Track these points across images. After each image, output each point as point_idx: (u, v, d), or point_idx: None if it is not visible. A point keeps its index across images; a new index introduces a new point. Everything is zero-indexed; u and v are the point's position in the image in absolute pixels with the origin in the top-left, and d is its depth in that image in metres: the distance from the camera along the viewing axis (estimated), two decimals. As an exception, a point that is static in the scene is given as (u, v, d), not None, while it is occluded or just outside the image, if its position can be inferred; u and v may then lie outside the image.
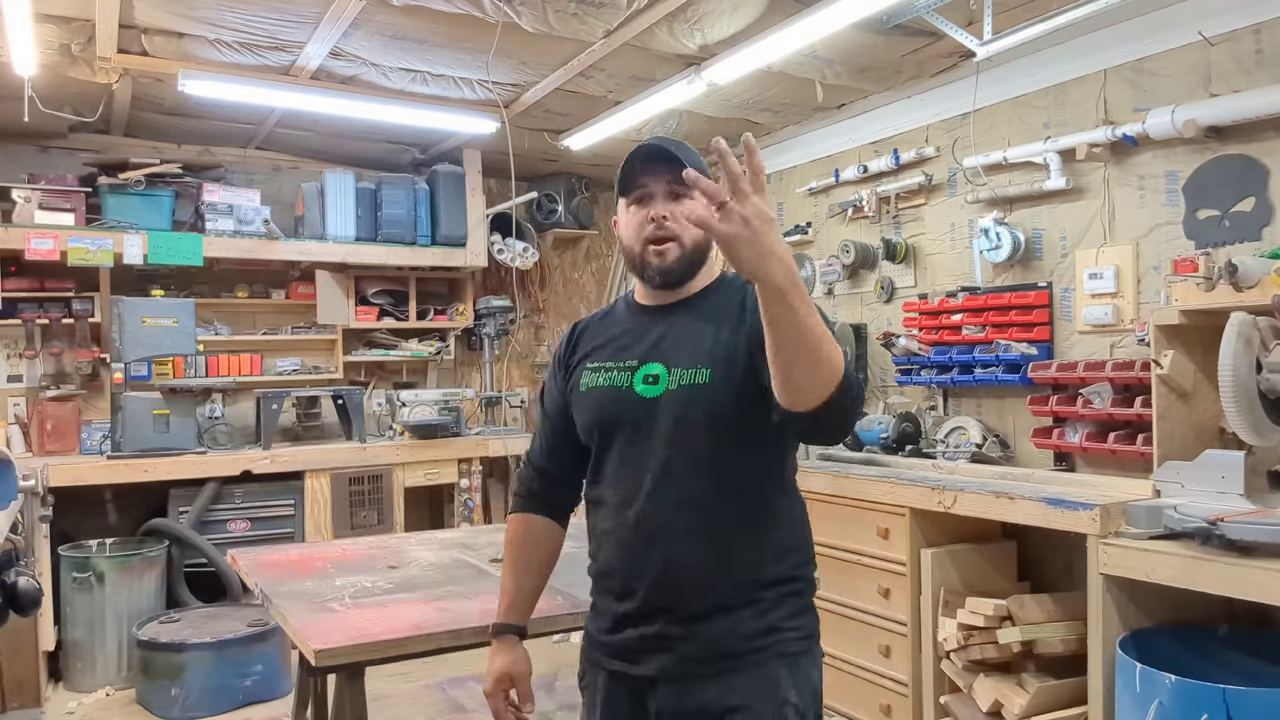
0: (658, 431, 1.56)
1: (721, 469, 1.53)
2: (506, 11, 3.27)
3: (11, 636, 3.74)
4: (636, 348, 1.63)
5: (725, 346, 1.54)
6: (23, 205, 4.48)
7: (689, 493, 1.54)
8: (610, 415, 1.62)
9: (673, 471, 1.54)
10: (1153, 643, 2.64)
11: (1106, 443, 3.33)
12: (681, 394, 1.54)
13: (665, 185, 1.59)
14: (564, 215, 6.09)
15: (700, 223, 1.23)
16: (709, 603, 1.53)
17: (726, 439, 1.53)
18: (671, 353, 1.58)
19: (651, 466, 1.55)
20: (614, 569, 1.62)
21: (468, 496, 5.31)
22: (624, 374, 1.61)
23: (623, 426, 1.60)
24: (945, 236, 4.20)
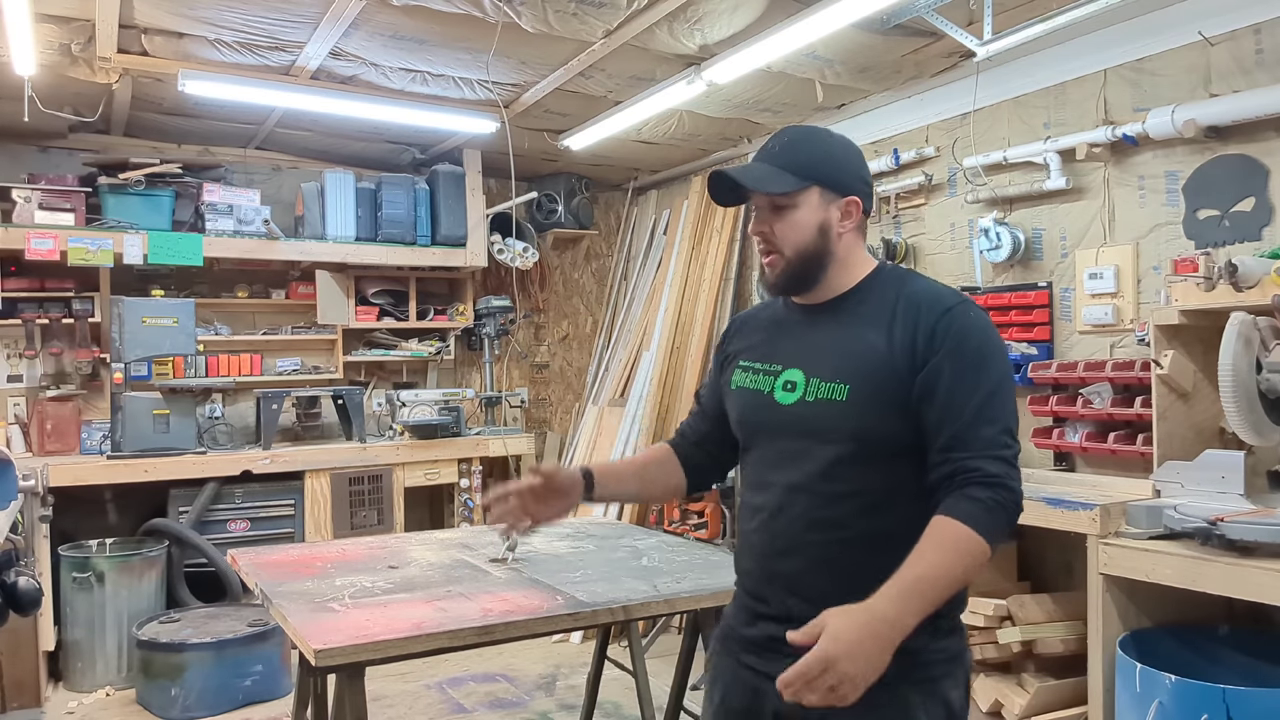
0: (792, 445, 1.53)
1: (854, 489, 1.48)
2: (506, 11, 3.27)
3: (11, 636, 3.74)
4: (782, 351, 1.60)
5: (868, 361, 1.48)
6: (23, 205, 4.48)
7: (819, 512, 1.50)
8: (752, 420, 1.61)
9: (803, 490, 1.51)
10: (1153, 643, 2.64)
11: (1106, 443, 3.33)
12: (817, 407, 1.50)
13: (765, 199, 1.56)
14: (564, 215, 6.09)
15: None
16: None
17: (861, 459, 1.47)
18: (813, 360, 1.54)
19: (783, 481, 1.53)
20: (750, 570, 1.61)
21: (468, 496, 5.31)
22: (767, 378, 1.59)
23: (761, 433, 1.59)
24: (945, 236, 4.20)
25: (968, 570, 1.36)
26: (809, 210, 1.55)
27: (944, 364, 1.43)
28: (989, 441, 1.41)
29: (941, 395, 1.43)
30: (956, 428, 1.42)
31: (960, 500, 1.38)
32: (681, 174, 5.96)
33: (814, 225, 1.55)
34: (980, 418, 1.41)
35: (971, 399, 1.42)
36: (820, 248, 1.55)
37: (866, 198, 1.59)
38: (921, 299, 1.50)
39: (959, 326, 1.45)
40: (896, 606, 1.31)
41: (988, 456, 1.40)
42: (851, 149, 1.65)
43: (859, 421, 1.47)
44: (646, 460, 1.87)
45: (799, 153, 1.57)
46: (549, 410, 6.46)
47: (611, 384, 5.84)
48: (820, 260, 1.56)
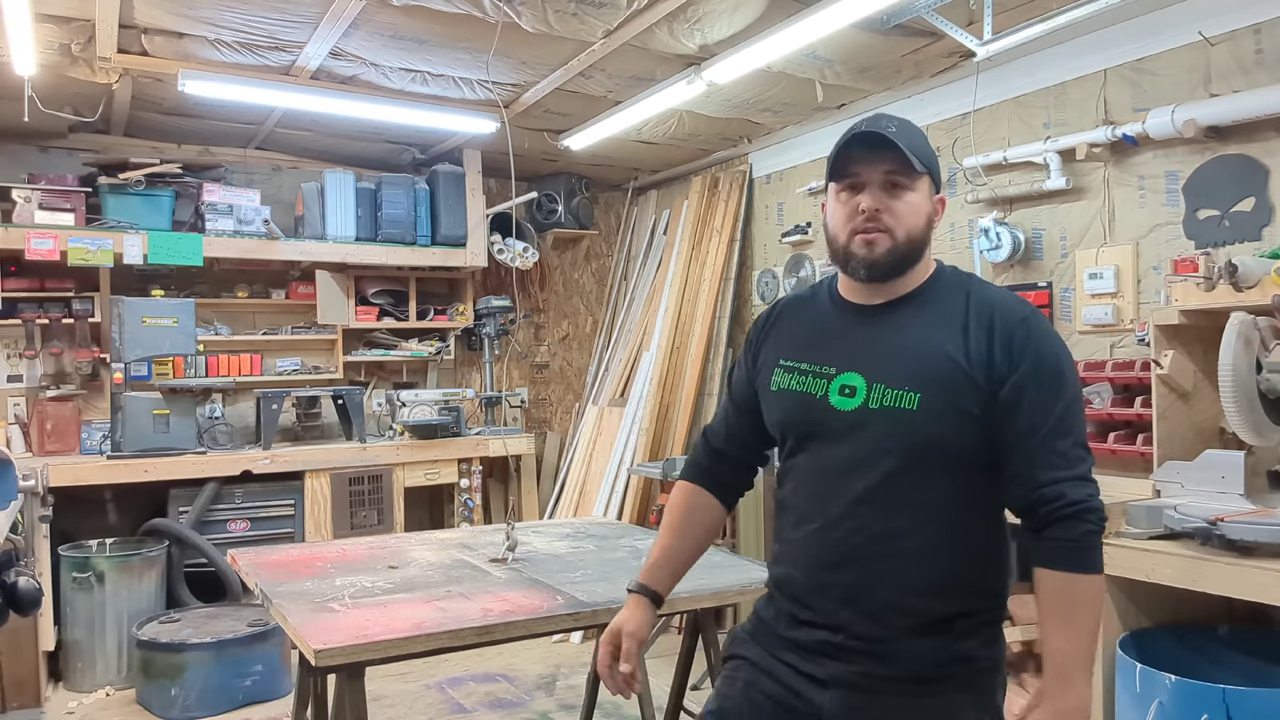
0: (851, 453, 1.46)
1: (917, 500, 1.43)
2: (506, 11, 3.27)
3: (11, 636, 3.74)
4: (836, 352, 1.51)
5: (942, 369, 1.42)
6: (23, 205, 4.48)
7: (879, 526, 1.45)
8: (801, 424, 1.53)
9: (865, 502, 1.45)
10: (1153, 643, 2.64)
11: (1106, 443, 3.33)
12: (884, 415, 1.43)
13: (881, 175, 1.46)
14: (564, 215, 6.09)
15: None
16: (896, 629, 1.44)
17: (927, 470, 1.43)
18: (875, 364, 1.46)
19: (842, 491, 1.46)
20: (794, 578, 1.54)
21: (468, 496, 5.31)
22: (819, 381, 1.50)
23: (814, 440, 1.51)
24: (945, 236, 4.20)
25: (1098, 614, 1.40)
26: (923, 197, 1.50)
27: (1025, 380, 1.40)
28: (1066, 458, 1.39)
29: (1025, 412, 1.40)
30: (1035, 445, 1.40)
31: (1057, 548, 1.38)
32: (681, 174, 5.96)
33: (925, 213, 1.51)
34: (1057, 432, 1.39)
35: (1050, 415, 1.40)
36: (924, 237, 1.50)
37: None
38: (996, 306, 1.46)
39: (1036, 338, 1.43)
40: (1071, 691, 1.34)
41: (1069, 479, 1.38)
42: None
43: (931, 432, 1.41)
44: (686, 524, 1.74)
45: (914, 137, 1.49)
46: (549, 410, 6.47)
47: (611, 384, 5.84)
48: (920, 249, 1.50)
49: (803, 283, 4.99)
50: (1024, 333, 1.42)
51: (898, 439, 1.42)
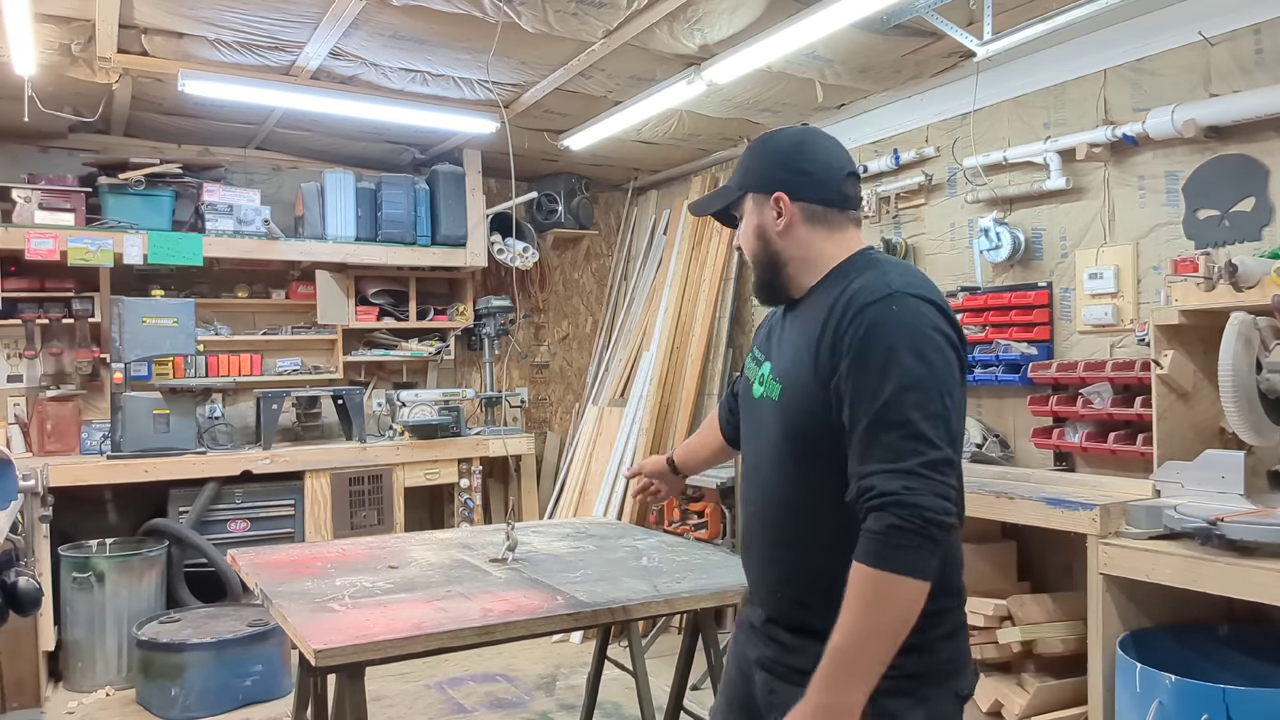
0: (755, 436, 1.58)
1: (791, 494, 1.47)
2: (506, 11, 3.27)
3: (11, 636, 3.74)
4: (770, 343, 1.61)
5: (797, 363, 1.46)
6: (23, 205, 4.48)
7: (768, 507, 1.52)
8: (743, 405, 1.67)
9: (757, 484, 1.55)
10: (1153, 643, 2.64)
11: (1106, 443, 3.33)
12: (766, 404, 1.53)
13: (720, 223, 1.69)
14: (564, 215, 6.09)
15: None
16: (799, 618, 1.46)
17: (793, 461, 1.46)
18: (777, 355, 1.55)
19: (749, 472, 1.59)
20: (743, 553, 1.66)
21: (468, 496, 5.31)
22: (755, 368, 1.61)
23: (746, 419, 1.64)
24: (945, 236, 4.20)
25: (893, 617, 1.25)
26: (748, 217, 1.56)
27: (848, 370, 1.35)
28: (891, 450, 1.29)
29: (848, 404, 1.35)
30: (858, 438, 1.33)
31: (862, 538, 1.29)
32: (681, 174, 5.96)
33: (753, 231, 1.56)
34: (882, 424, 1.30)
35: (873, 407, 1.31)
36: (766, 251, 1.55)
37: (804, 187, 1.51)
38: (854, 295, 1.39)
39: (868, 325, 1.35)
40: (831, 691, 1.27)
41: (885, 471, 1.28)
42: (796, 141, 1.56)
43: (786, 424, 1.46)
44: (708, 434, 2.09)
45: (740, 164, 1.60)
46: (549, 410, 6.47)
47: (611, 384, 5.84)
48: (773, 262, 1.54)
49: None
50: (859, 320, 1.36)
51: (770, 430, 1.50)
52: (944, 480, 1.28)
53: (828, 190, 1.52)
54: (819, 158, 1.54)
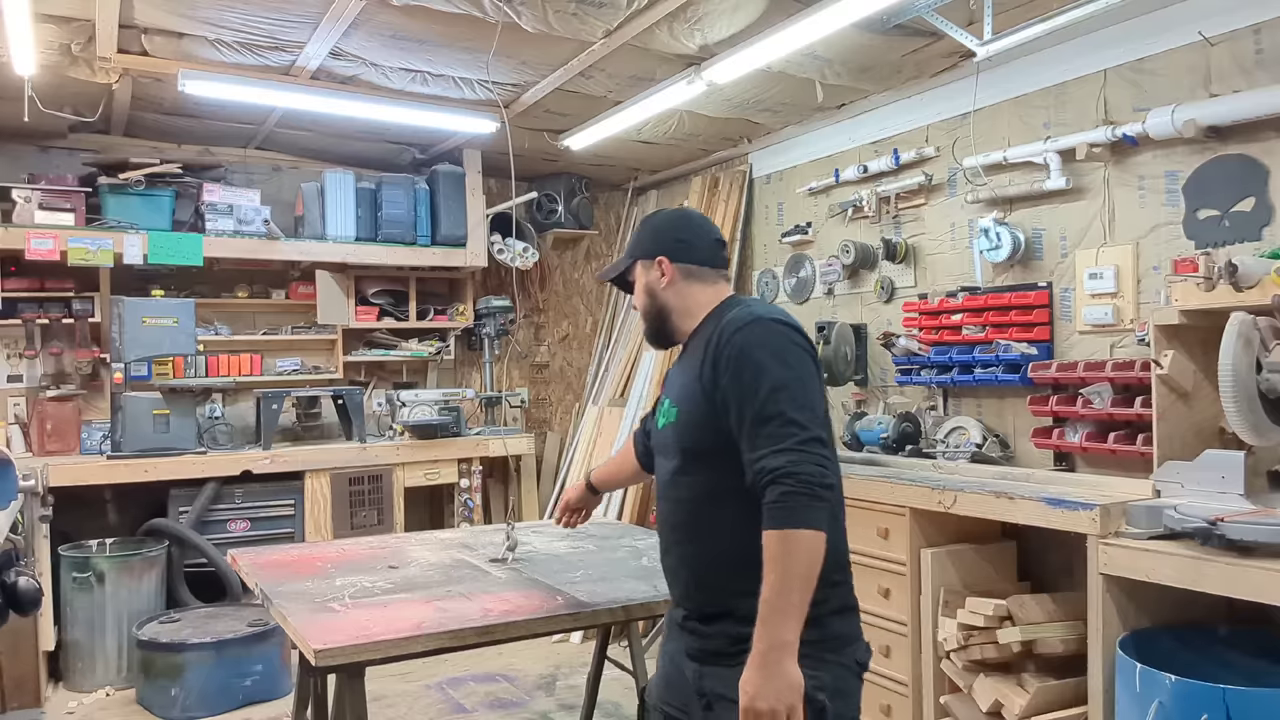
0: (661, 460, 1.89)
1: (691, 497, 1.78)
2: (506, 11, 3.27)
3: (11, 636, 3.74)
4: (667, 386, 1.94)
5: (690, 388, 1.78)
6: (23, 205, 4.48)
7: (675, 513, 1.83)
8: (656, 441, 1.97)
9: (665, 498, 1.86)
10: (1153, 643, 2.64)
11: (1106, 443, 3.33)
12: (667, 430, 1.84)
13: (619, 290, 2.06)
14: (564, 215, 6.09)
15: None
16: (711, 606, 1.75)
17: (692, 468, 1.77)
18: (670, 392, 1.88)
19: (659, 489, 1.90)
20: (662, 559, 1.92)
21: (468, 496, 5.31)
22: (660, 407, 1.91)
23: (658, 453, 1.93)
24: (945, 236, 4.20)
25: (802, 564, 1.56)
26: (639, 280, 1.95)
27: (729, 384, 1.68)
28: (772, 437, 1.60)
29: (733, 409, 1.67)
30: (746, 434, 1.64)
31: (765, 511, 1.59)
32: (681, 174, 5.96)
33: (643, 291, 1.93)
34: (760, 421, 1.62)
35: (753, 404, 1.63)
36: (655, 305, 1.92)
37: (680, 251, 1.89)
38: (725, 326, 1.74)
39: (740, 343, 1.68)
40: (768, 636, 1.55)
41: (771, 452, 1.59)
42: (673, 218, 1.99)
43: (682, 439, 1.78)
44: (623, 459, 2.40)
45: (630, 240, 1.99)
46: (549, 410, 6.47)
47: (611, 384, 5.84)
48: (660, 315, 1.91)
49: (802, 282, 4.99)
50: (733, 341, 1.69)
51: (671, 445, 1.82)
52: (818, 453, 1.60)
53: (700, 253, 1.90)
54: (692, 229, 1.94)
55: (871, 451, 4.14)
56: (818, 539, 1.57)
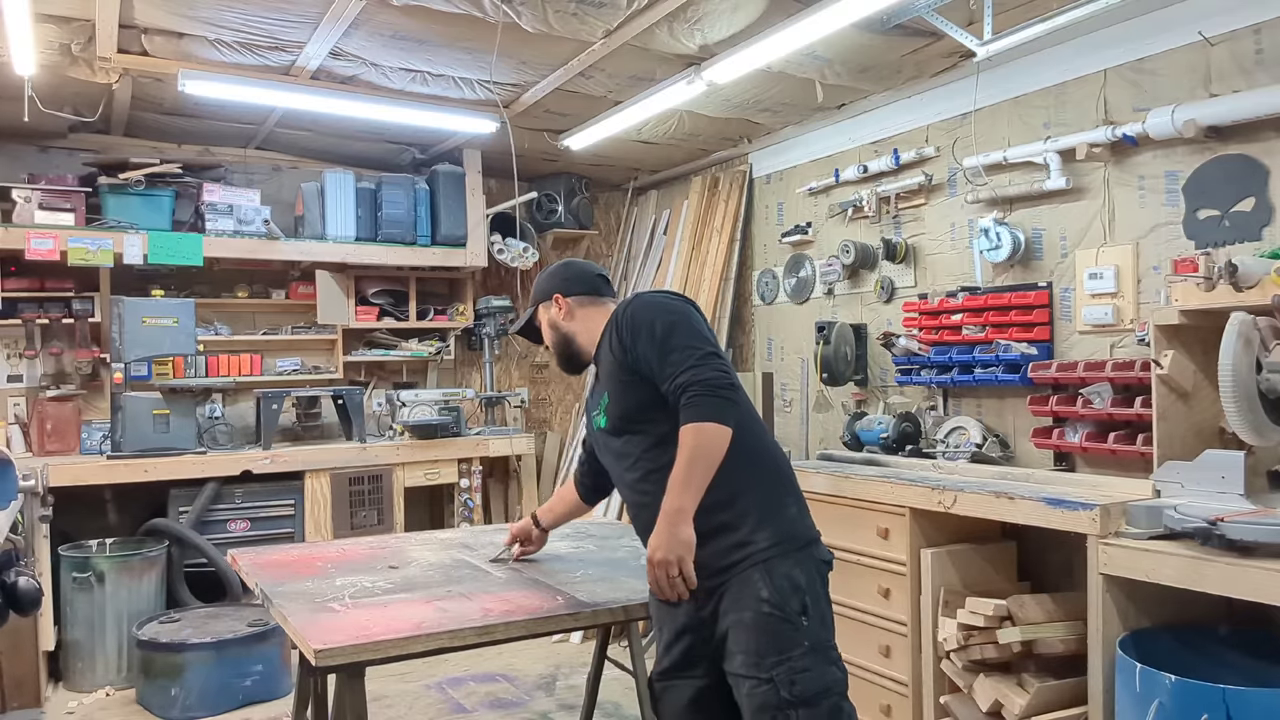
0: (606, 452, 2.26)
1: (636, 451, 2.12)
2: (506, 11, 3.27)
3: (11, 636, 3.74)
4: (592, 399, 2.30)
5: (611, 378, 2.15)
6: (23, 205, 4.48)
7: (631, 481, 2.16)
8: (597, 443, 2.31)
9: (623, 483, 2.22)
10: (1153, 643, 2.64)
11: (1106, 443, 3.33)
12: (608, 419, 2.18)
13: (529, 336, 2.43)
14: (564, 215, 6.09)
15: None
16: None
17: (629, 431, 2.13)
18: (597, 394, 2.25)
19: (617, 481, 2.27)
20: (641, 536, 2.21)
21: (468, 496, 5.31)
22: (595, 416, 2.26)
23: (602, 451, 2.29)
24: (945, 236, 4.20)
25: (705, 448, 1.91)
26: (545, 320, 2.33)
27: (631, 341, 2.05)
28: (674, 363, 1.97)
29: (643, 360, 2.03)
30: (657, 373, 2.00)
31: (680, 413, 1.95)
32: (681, 174, 5.96)
33: (549, 327, 2.32)
34: (665, 354, 1.99)
35: (654, 346, 2.00)
36: (559, 336, 2.30)
37: (569, 287, 2.29)
38: (615, 314, 2.15)
39: (631, 314, 2.08)
40: (671, 503, 1.91)
41: (678, 372, 1.96)
42: (558, 266, 2.37)
43: (617, 411, 2.13)
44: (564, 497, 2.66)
45: (531, 294, 2.37)
46: (549, 410, 6.47)
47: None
48: (566, 342, 2.29)
49: (802, 282, 4.99)
50: (625, 319, 2.08)
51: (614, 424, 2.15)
52: (715, 364, 1.96)
53: (586, 284, 2.31)
54: (574, 268, 2.35)
55: (871, 451, 4.14)
56: (722, 432, 1.92)
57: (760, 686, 1.89)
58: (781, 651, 1.90)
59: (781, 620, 1.92)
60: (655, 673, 2.18)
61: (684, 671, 2.11)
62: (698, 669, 2.08)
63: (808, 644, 1.93)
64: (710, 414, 1.91)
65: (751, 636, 1.92)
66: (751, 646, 1.91)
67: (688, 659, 2.10)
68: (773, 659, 1.89)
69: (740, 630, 1.93)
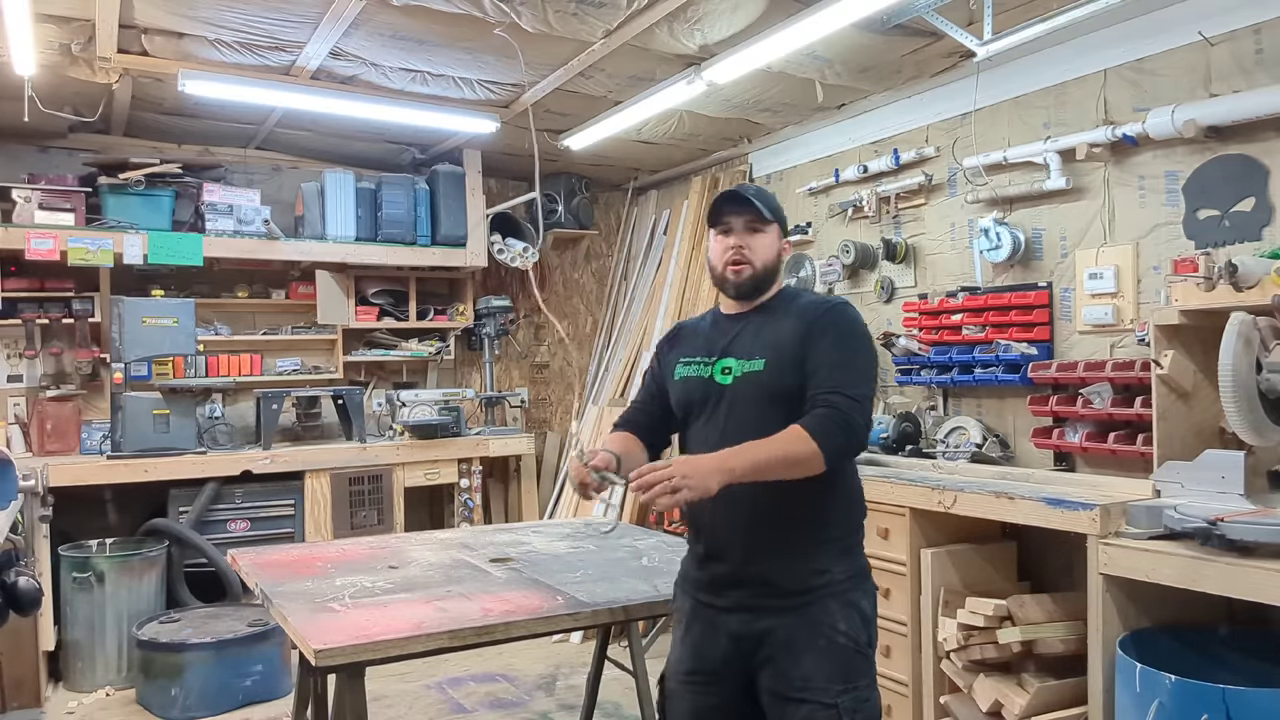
0: (726, 409, 2.02)
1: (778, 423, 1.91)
2: (506, 11, 3.27)
3: (11, 636, 3.74)
4: (716, 347, 2.09)
5: (779, 342, 2.00)
6: (23, 205, 4.48)
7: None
8: (694, 399, 2.08)
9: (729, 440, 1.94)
10: (1153, 643, 2.64)
11: (1106, 443, 3.33)
12: (743, 380, 2.01)
13: (744, 221, 2.07)
14: (564, 215, 6.09)
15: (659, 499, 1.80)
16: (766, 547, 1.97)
17: (775, 413, 1.93)
18: (740, 350, 2.05)
19: (719, 439, 1.97)
20: (695, 516, 2.07)
21: (468, 496, 5.31)
22: (707, 367, 2.07)
23: (704, 409, 2.06)
24: (945, 236, 4.20)
25: (789, 454, 1.85)
26: (773, 238, 2.10)
27: (820, 340, 1.97)
28: (839, 384, 1.91)
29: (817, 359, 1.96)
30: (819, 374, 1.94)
31: (806, 416, 1.90)
32: (681, 174, 5.96)
33: (776, 249, 2.10)
34: (839, 369, 1.93)
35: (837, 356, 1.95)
36: (776, 267, 2.12)
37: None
38: (817, 303, 2.07)
39: (837, 316, 2.02)
40: (729, 457, 1.83)
41: (838, 394, 1.90)
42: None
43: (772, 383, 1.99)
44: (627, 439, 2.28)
45: (767, 199, 2.11)
46: (549, 410, 6.46)
47: (611, 384, 5.84)
48: (773, 275, 2.11)
49: (803, 282, 4.98)
50: (826, 318, 2.00)
51: (752, 394, 2.00)
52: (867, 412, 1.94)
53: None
54: None
55: (871, 451, 4.14)
56: (816, 461, 1.85)
57: (823, 711, 1.91)
58: (849, 680, 1.93)
59: (854, 651, 1.96)
60: (676, 672, 2.10)
61: (709, 676, 2.04)
62: (727, 677, 2.03)
63: (870, 674, 1.99)
64: (825, 441, 1.86)
65: (821, 663, 1.93)
66: (819, 672, 1.92)
67: (720, 664, 2.03)
68: (840, 686, 1.92)
69: (809, 655, 1.94)
